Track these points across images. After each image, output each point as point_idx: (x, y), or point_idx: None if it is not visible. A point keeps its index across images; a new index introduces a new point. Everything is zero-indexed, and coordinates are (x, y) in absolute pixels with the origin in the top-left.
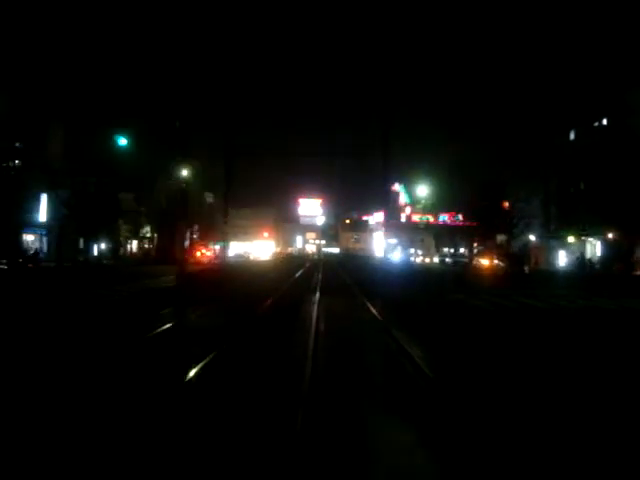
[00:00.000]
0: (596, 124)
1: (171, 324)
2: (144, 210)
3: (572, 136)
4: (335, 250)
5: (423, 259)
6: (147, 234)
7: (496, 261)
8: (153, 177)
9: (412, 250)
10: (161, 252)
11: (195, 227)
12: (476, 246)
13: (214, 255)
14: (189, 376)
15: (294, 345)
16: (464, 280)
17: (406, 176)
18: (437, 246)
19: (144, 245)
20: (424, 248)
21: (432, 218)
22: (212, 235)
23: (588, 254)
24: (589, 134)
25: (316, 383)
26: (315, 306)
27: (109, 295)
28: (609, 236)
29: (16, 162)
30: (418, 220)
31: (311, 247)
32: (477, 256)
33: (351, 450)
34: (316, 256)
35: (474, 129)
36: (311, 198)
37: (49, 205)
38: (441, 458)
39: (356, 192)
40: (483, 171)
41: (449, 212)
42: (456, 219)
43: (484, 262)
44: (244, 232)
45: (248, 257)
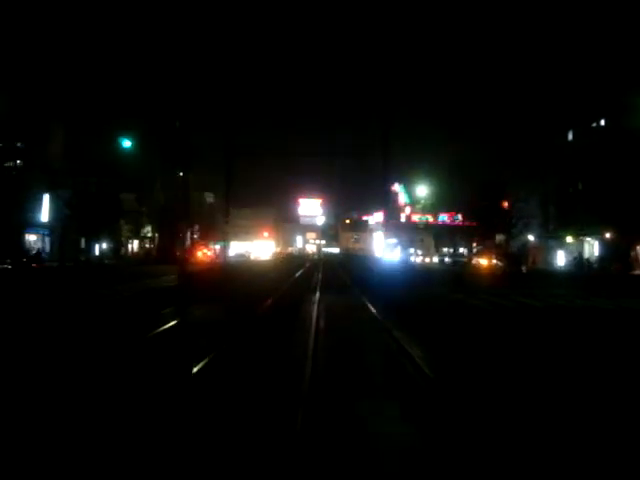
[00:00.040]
0: (594, 125)
1: (172, 323)
2: (145, 210)
3: (570, 136)
4: (335, 250)
5: (423, 259)
6: (148, 234)
7: (494, 261)
8: (153, 177)
9: (412, 250)
10: (162, 252)
11: (195, 227)
12: (475, 246)
13: (215, 255)
14: (190, 375)
15: (294, 345)
16: (463, 280)
17: (406, 176)
18: (436, 246)
19: (145, 245)
20: (424, 248)
21: (432, 218)
22: (212, 235)
23: (586, 254)
24: (587, 134)
25: (316, 383)
26: (315, 306)
27: (111, 295)
28: (607, 236)
29: (17, 162)
30: (418, 220)
31: (311, 247)
32: (476, 256)
33: (351, 450)
34: (316, 256)
35: (474, 129)
36: (311, 198)
37: (51, 205)
38: (441, 458)
39: (356, 192)
40: (482, 171)
41: (448, 212)
42: (455, 219)
43: (483, 262)
44: (244, 232)
45: (248, 257)
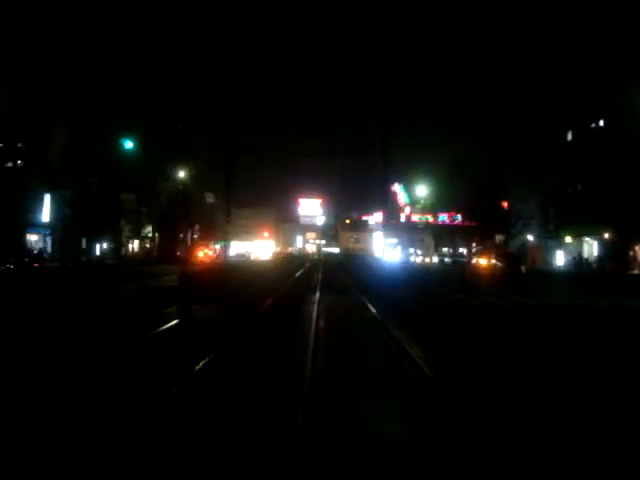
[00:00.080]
0: (593, 125)
1: (173, 323)
2: (145, 210)
3: (570, 137)
4: (335, 250)
5: (423, 259)
6: (149, 234)
7: (494, 261)
8: (154, 177)
9: (412, 250)
10: (163, 252)
11: (196, 227)
12: (475, 246)
13: (215, 255)
14: (191, 373)
15: (294, 345)
16: (462, 280)
17: (406, 176)
18: (436, 246)
19: (145, 245)
20: (423, 248)
21: (431, 218)
22: (213, 235)
23: (585, 254)
24: (586, 135)
25: (316, 383)
26: (315, 306)
27: (114, 295)
28: (606, 236)
29: (19, 162)
30: (417, 220)
31: (311, 247)
32: (476, 256)
33: (350, 450)
34: (316, 256)
35: (474, 130)
36: (311, 198)
37: (52, 205)
38: (442, 458)
39: (356, 192)
40: (482, 171)
41: (448, 212)
42: (455, 219)
43: (482, 262)
44: (244, 232)
45: (249, 257)
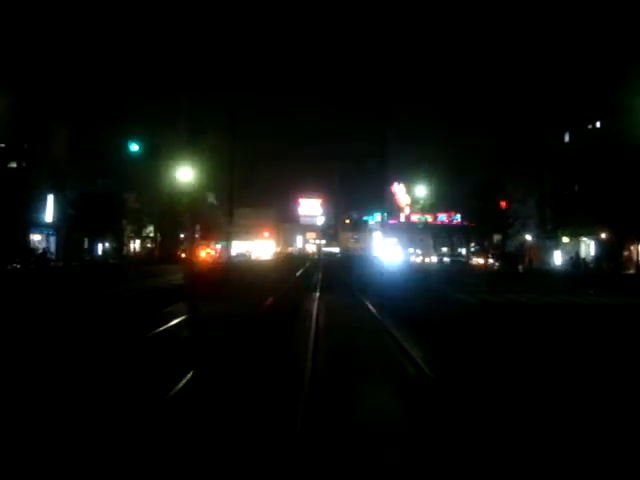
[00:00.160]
0: (590, 127)
1: (178, 320)
2: (147, 210)
3: (567, 138)
4: (335, 250)
5: (422, 259)
6: (150, 234)
7: (491, 260)
8: (155, 177)
9: (411, 250)
10: (165, 252)
11: (197, 227)
12: (473, 246)
13: (217, 255)
14: (192, 370)
15: (295, 343)
16: (461, 280)
17: (405, 176)
18: (435, 246)
19: (147, 245)
20: (423, 248)
21: (430, 218)
22: (213, 235)
23: (582, 254)
24: (583, 136)
25: (316, 383)
26: (315, 304)
27: (118, 294)
28: (602, 236)
29: (22, 163)
30: (417, 220)
31: (311, 247)
32: (474, 256)
33: (351, 450)
34: (316, 256)
35: (472, 131)
36: (311, 198)
37: (55, 205)
38: (442, 458)
39: (356, 192)
40: (481, 171)
41: (447, 212)
42: (454, 219)
43: (480, 261)
44: (245, 232)
45: (249, 257)
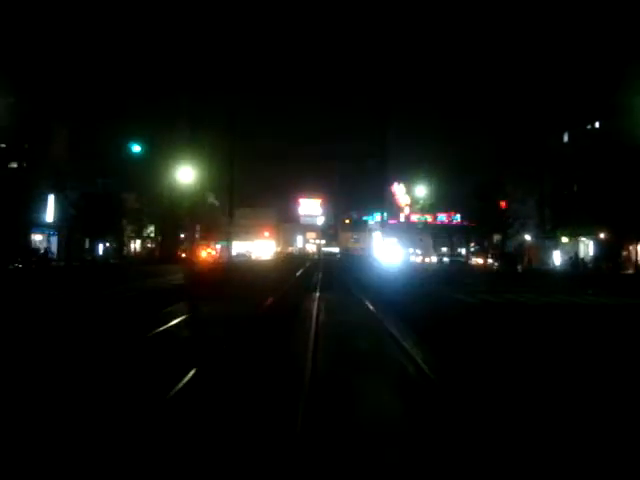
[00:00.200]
0: (589, 127)
1: (175, 322)
2: (147, 210)
3: (566, 138)
4: (335, 250)
5: (422, 259)
6: (151, 234)
7: (490, 260)
8: (156, 177)
9: (411, 250)
10: (165, 252)
11: (197, 227)
12: (473, 246)
13: (217, 255)
14: (192, 371)
15: (295, 343)
16: (460, 280)
17: (405, 176)
18: (435, 246)
19: (147, 245)
20: (423, 248)
21: (430, 218)
22: (214, 235)
23: (581, 254)
24: (582, 137)
25: (316, 383)
26: (315, 303)
27: (119, 293)
28: (601, 236)
29: (23, 163)
30: (416, 220)
31: (311, 247)
32: (474, 256)
33: (350, 451)
34: (316, 256)
35: (472, 131)
36: (311, 198)
37: (56, 205)
38: (442, 459)
39: (356, 192)
40: (480, 171)
41: (447, 212)
42: (454, 219)
43: (479, 261)
44: (245, 232)
45: (249, 257)
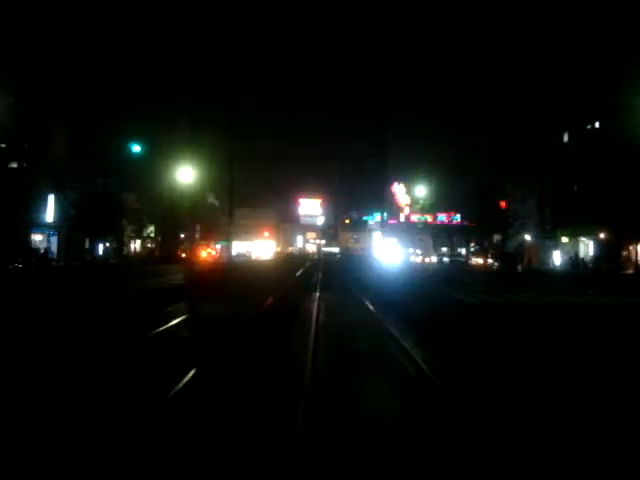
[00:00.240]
0: (589, 127)
1: (175, 322)
2: (147, 210)
3: (566, 138)
4: (335, 250)
5: (422, 259)
6: (151, 234)
7: (490, 260)
8: (156, 177)
9: (411, 250)
10: (165, 252)
11: (197, 227)
12: (473, 246)
13: (218, 255)
14: (192, 370)
15: (295, 342)
16: (460, 280)
17: (405, 176)
18: (435, 246)
19: (147, 245)
20: (423, 248)
21: (430, 218)
22: (214, 235)
23: (581, 254)
24: (582, 137)
25: (316, 383)
26: (315, 303)
27: (120, 293)
28: (601, 236)
29: (23, 163)
30: (416, 220)
31: (311, 247)
32: (473, 256)
33: (350, 451)
34: (316, 256)
35: (472, 131)
36: (311, 198)
37: (56, 205)
38: (442, 459)
39: (356, 192)
40: (481, 171)
41: (447, 212)
42: (454, 219)
43: (479, 261)
44: (245, 232)
45: (249, 257)
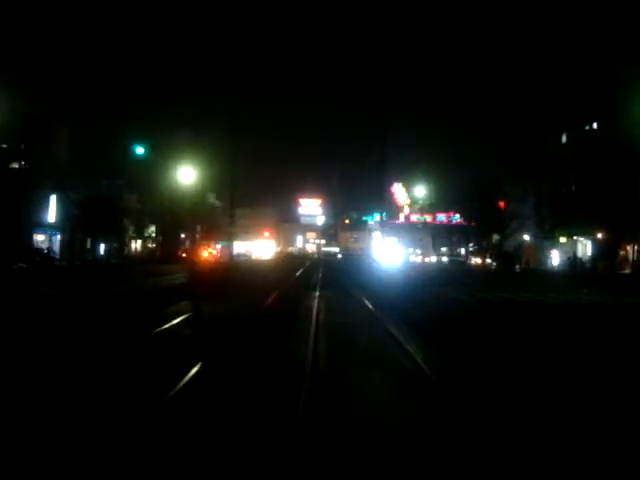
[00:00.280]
0: (587, 127)
1: (177, 321)
2: (148, 211)
3: (564, 139)
4: (335, 249)
5: (422, 259)
6: (152, 234)
7: (488, 260)
8: (157, 178)
9: (410, 249)
10: (166, 252)
11: (197, 227)
12: (472, 245)
13: (218, 254)
14: (192, 370)
15: (296, 342)
16: (459, 279)
17: (405, 176)
18: (435, 246)
19: (149, 245)
20: (422, 247)
21: (430, 218)
22: (214, 235)
23: (579, 254)
24: (580, 137)
25: (316, 383)
26: (315, 303)
27: (122, 292)
28: (599, 236)
29: (25, 164)
30: (416, 220)
31: (311, 247)
32: (472, 255)
33: (349, 450)
34: (316, 255)
35: (471, 131)
36: (311, 198)
37: (58, 205)
38: (442, 460)
39: (355, 192)
40: (480, 171)
41: (446, 212)
42: (453, 219)
43: (477, 261)
44: (245, 232)
45: (250, 256)
